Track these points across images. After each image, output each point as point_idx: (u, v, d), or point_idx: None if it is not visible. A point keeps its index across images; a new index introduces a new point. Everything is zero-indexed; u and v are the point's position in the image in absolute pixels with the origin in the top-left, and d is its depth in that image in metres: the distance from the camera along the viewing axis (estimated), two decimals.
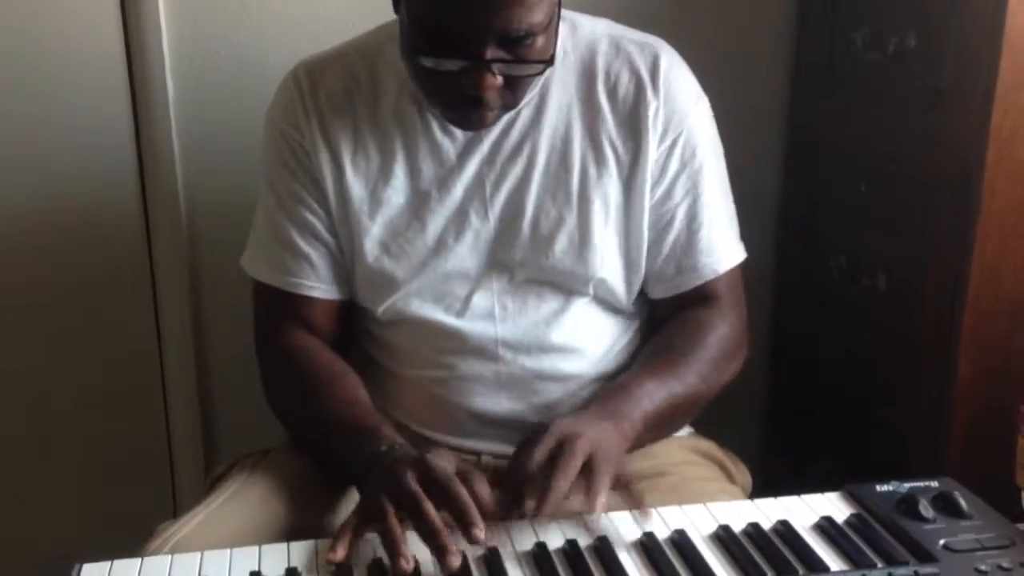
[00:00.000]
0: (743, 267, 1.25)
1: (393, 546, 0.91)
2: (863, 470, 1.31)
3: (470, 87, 1.01)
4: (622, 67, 1.16)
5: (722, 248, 1.22)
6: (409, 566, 0.90)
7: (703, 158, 1.19)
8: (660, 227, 1.19)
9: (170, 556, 0.95)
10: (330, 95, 1.18)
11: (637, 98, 1.15)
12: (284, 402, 1.21)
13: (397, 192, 1.17)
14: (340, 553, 0.91)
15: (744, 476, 1.27)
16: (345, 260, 1.21)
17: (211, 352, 1.73)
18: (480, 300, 1.18)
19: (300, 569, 0.93)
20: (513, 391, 1.18)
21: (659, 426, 1.13)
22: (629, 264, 1.19)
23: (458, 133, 1.15)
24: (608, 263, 1.18)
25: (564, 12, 1.14)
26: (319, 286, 1.21)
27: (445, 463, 0.97)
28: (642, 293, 1.24)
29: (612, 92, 1.16)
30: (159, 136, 1.61)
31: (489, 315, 1.18)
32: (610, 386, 1.14)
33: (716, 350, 1.19)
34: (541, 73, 1.06)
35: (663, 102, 1.15)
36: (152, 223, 1.64)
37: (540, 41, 1.02)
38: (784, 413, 1.84)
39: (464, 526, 0.91)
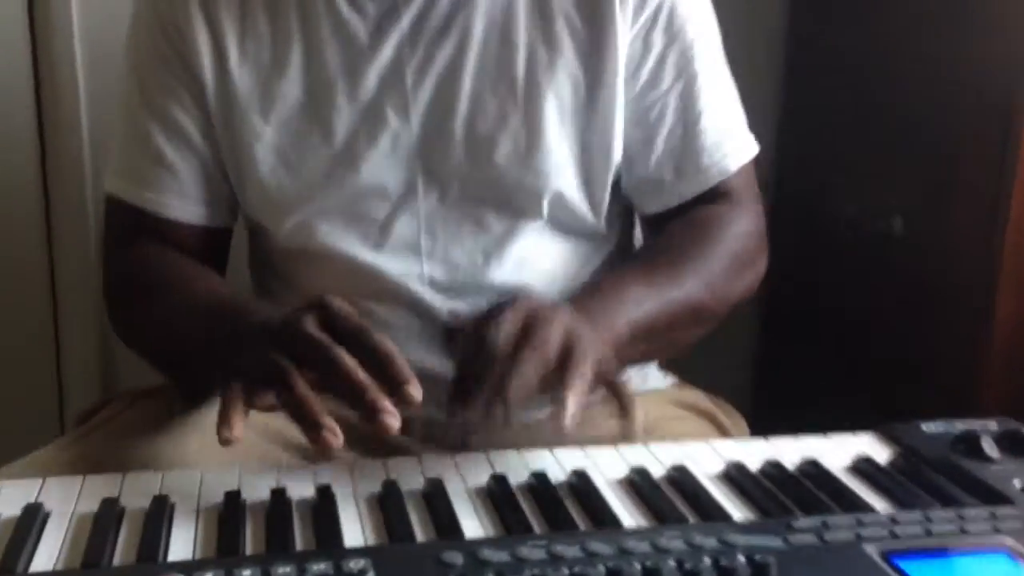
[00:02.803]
0: None
1: (310, 414, 0.68)
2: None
3: None
4: None
5: (731, 140, 0.98)
6: (338, 439, 0.67)
7: (696, 34, 0.95)
8: (648, 123, 0.96)
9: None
10: None
11: None
12: (127, 312, 0.95)
13: (294, 84, 0.92)
14: (236, 431, 0.68)
15: (741, 429, 1.04)
16: (222, 175, 0.97)
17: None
18: (403, 226, 0.93)
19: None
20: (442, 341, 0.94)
21: (652, 339, 0.88)
22: (591, 174, 0.95)
23: (369, 8, 0.91)
24: (565, 172, 0.94)
25: None
26: (183, 205, 0.96)
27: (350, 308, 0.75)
28: (620, 215, 1.01)
29: None
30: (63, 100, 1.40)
31: (413, 247, 0.94)
32: (583, 288, 0.90)
33: (729, 249, 0.95)
34: None
35: None
36: (49, 151, 1.43)
37: None
38: (781, 363, 1.63)
39: (392, 384, 0.68)
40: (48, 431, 1.34)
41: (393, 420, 0.67)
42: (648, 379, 1.06)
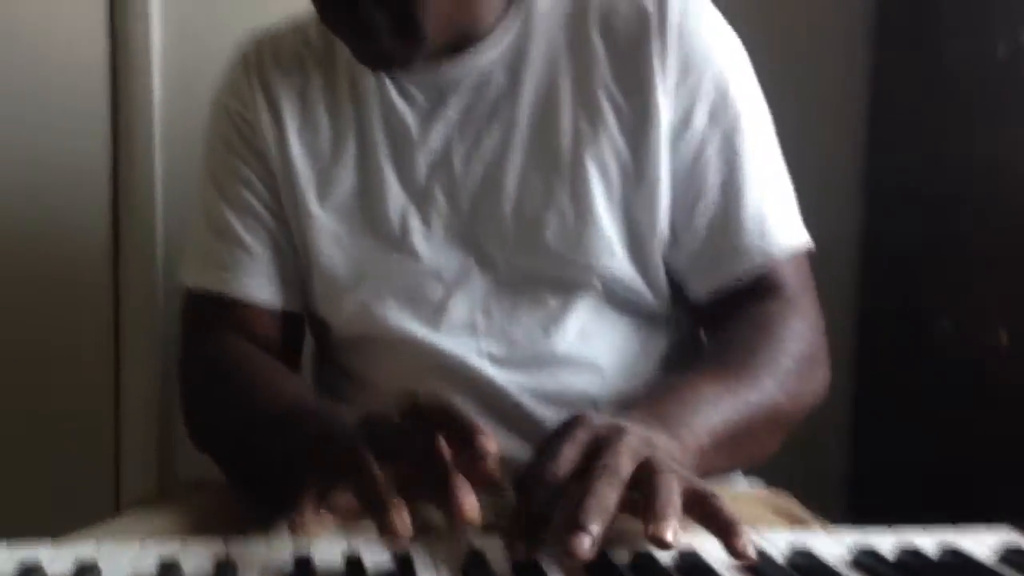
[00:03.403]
0: None
1: (379, 495, 0.62)
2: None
3: None
4: (621, 1, 0.92)
5: (777, 225, 0.92)
6: (406, 523, 0.60)
7: (740, 111, 0.92)
8: (689, 197, 0.92)
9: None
10: (278, 61, 0.98)
11: (639, 35, 0.90)
12: (204, 415, 0.93)
13: (348, 170, 0.95)
14: (307, 531, 0.62)
15: None
16: (295, 257, 0.97)
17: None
18: (458, 306, 0.92)
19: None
20: (506, 420, 0.89)
21: (732, 447, 0.80)
22: (641, 248, 0.92)
23: (418, 97, 0.94)
24: (615, 247, 0.91)
25: None
26: (260, 284, 0.96)
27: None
28: (684, 300, 0.96)
29: (607, 29, 0.92)
30: (139, 143, 1.40)
31: (470, 325, 0.92)
32: (655, 388, 0.85)
33: (797, 349, 0.89)
34: None
35: (675, 39, 0.90)
36: (122, 233, 1.42)
37: None
38: (874, 479, 1.50)
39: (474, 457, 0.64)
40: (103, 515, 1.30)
41: (472, 510, 0.62)
42: (736, 486, 0.98)
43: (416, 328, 0.92)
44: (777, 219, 0.93)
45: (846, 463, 1.57)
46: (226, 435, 0.90)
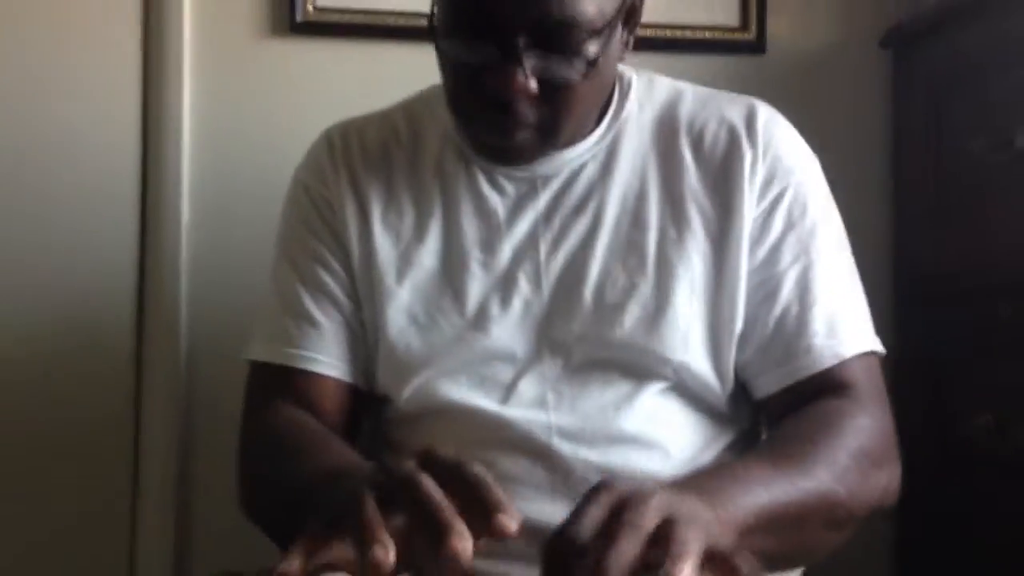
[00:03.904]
0: None
1: (368, 531, 0.63)
2: None
3: (497, 86, 0.86)
4: (710, 117, 1.00)
5: (848, 328, 0.95)
6: (388, 555, 0.61)
7: (817, 218, 0.98)
8: (762, 298, 0.95)
9: None
10: (364, 148, 1.03)
11: (730, 147, 0.98)
12: (258, 481, 0.94)
13: (431, 253, 0.99)
14: (293, 566, 0.64)
15: None
16: (366, 336, 0.99)
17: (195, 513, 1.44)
18: (528, 386, 0.94)
19: None
20: (572, 495, 0.86)
21: (780, 532, 0.80)
22: (718, 345, 0.95)
23: (509, 188, 0.99)
24: (693, 343, 0.94)
25: (640, 71, 1.05)
26: (326, 360, 0.98)
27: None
28: (748, 399, 0.97)
29: (697, 144, 0.99)
30: (166, 264, 1.43)
31: (540, 402, 0.93)
32: (701, 469, 0.86)
33: (858, 443, 0.89)
34: (585, 79, 0.87)
35: (763, 152, 0.97)
36: (146, 357, 1.43)
37: (589, 46, 0.86)
38: None
39: (485, 512, 0.64)
40: None
41: (463, 543, 0.62)
42: None
43: (483, 402, 0.94)
44: (848, 323, 0.96)
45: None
46: (274, 503, 0.91)
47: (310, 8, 1.47)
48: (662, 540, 0.65)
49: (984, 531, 1.32)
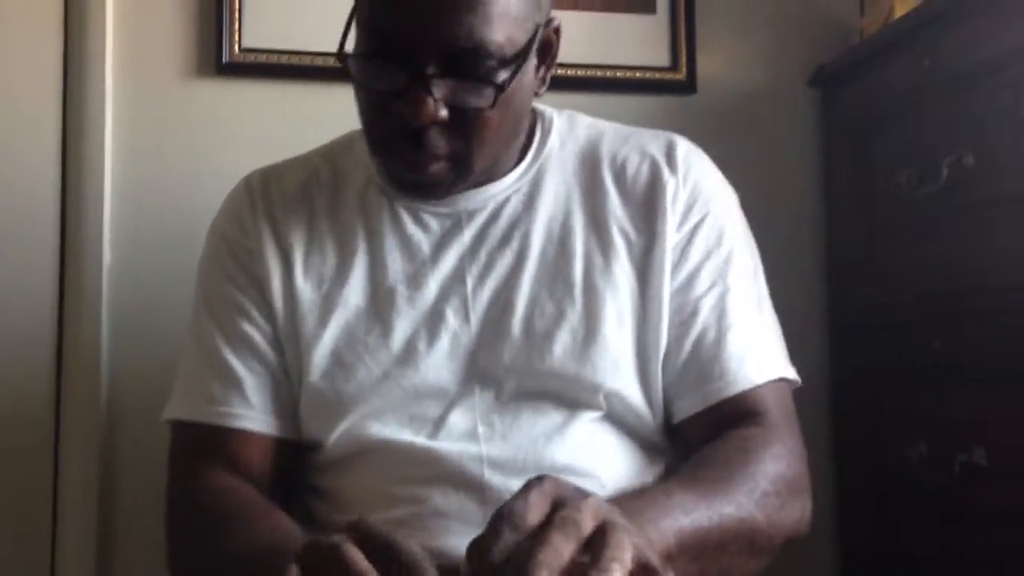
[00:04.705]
0: None
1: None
2: None
3: (407, 113, 0.85)
4: (631, 151, 1.01)
5: (762, 354, 0.96)
6: None
7: (733, 247, 0.99)
8: (681, 322, 0.96)
9: None
10: (284, 192, 1.01)
11: (652, 177, 0.99)
12: (188, 554, 0.89)
13: (356, 292, 0.97)
14: None
15: None
16: (291, 385, 0.96)
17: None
18: (458, 419, 0.92)
19: None
20: None
21: (701, 557, 0.79)
22: (647, 371, 0.95)
23: (433, 224, 0.98)
24: (623, 369, 0.94)
25: (561, 110, 1.06)
26: (251, 415, 0.95)
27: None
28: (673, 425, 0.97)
29: (619, 176, 1.00)
30: (86, 305, 1.38)
31: (471, 434, 0.91)
32: (624, 493, 0.85)
33: (772, 471, 0.89)
34: (494, 106, 0.86)
35: (683, 181, 0.99)
36: (64, 408, 1.37)
37: (498, 74, 0.85)
38: None
39: None
40: None
41: None
42: None
43: (413, 437, 0.92)
44: (762, 349, 0.98)
45: None
46: (206, 571, 0.88)
47: (236, 49, 1.45)
48: (592, 543, 0.63)
49: (917, 543, 1.32)
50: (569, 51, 1.50)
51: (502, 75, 0.86)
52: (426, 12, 0.83)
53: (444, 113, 0.85)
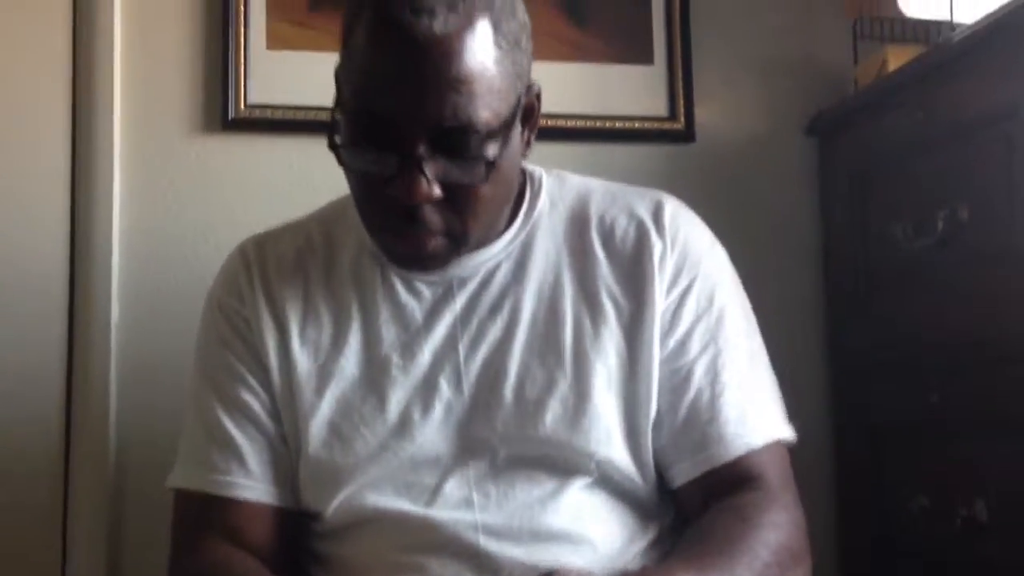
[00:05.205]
0: None
1: None
2: None
3: (402, 195, 0.86)
4: (619, 213, 1.02)
5: (758, 416, 0.97)
6: None
7: (724, 307, 1.00)
8: (674, 387, 0.96)
9: None
10: (279, 261, 1.02)
11: (640, 241, 1.00)
12: None
13: (351, 362, 0.98)
14: None
15: None
16: (289, 454, 0.97)
17: None
18: (453, 488, 0.93)
19: None
20: None
21: None
22: (636, 435, 0.96)
23: (425, 292, 0.99)
24: (614, 436, 0.95)
25: (550, 170, 1.06)
26: (251, 484, 0.96)
27: None
28: (669, 489, 0.98)
29: (608, 238, 1.01)
30: (94, 367, 1.40)
31: (466, 502, 0.92)
32: (627, 572, 0.87)
33: (772, 540, 0.90)
34: (486, 181, 0.88)
35: (671, 244, 1.00)
36: (73, 463, 1.39)
37: (488, 148, 0.87)
38: None
39: None
40: None
41: None
42: None
43: (409, 507, 0.93)
44: (758, 411, 0.98)
45: None
46: None
47: (242, 105, 1.48)
48: None
49: None
50: (569, 102, 1.56)
51: (491, 149, 0.88)
52: (413, 94, 0.85)
53: (437, 191, 0.87)
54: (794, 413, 1.03)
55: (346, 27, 0.91)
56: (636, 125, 1.58)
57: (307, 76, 1.49)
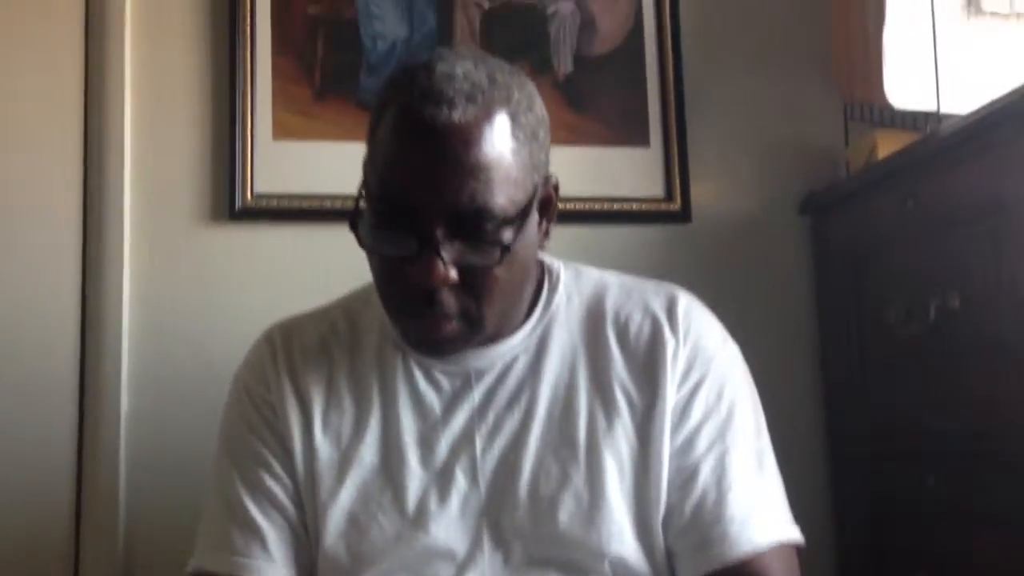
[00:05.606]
0: None
1: None
2: None
3: (419, 277, 0.89)
4: (634, 308, 1.04)
5: (763, 517, 0.97)
6: None
7: (734, 405, 1.01)
8: (680, 483, 0.97)
9: None
10: (304, 348, 1.04)
11: (653, 338, 1.01)
12: None
13: (371, 450, 0.99)
14: None
15: None
16: (308, 541, 0.99)
17: None
18: None
19: None
20: None
21: None
22: (648, 532, 0.97)
23: (444, 383, 1.01)
24: (627, 534, 0.96)
25: (568, 263, 1.08)
26: (272, 569, 0.97)
27: None
28: None
29: (623, 334, 1.03)
30: (104, 455, 1.42)
31: None
32: None
33: None
34: (501, 264, 0.90)
35: (683, 341, 1.01)
36: (84, 553, 1.41)
37: (503, 233, 0.90)
38: None
39: None
40: None
41: None
42: None
43: None
44: (765, 511, 0.98)
45: None
46: None
47: (249, 195, 1.51)
48: None
49: None
50: (570, 185, 1.56)
51: (506, 234, 0.91)
52: (433, 181, 0.88)
53: (454, 274, 0.90)
54: (796, 493, 1.03)
55: (373, 120, 0.95)
56: (634, 206, 1.62)
57: (312, 165, 1.53)
